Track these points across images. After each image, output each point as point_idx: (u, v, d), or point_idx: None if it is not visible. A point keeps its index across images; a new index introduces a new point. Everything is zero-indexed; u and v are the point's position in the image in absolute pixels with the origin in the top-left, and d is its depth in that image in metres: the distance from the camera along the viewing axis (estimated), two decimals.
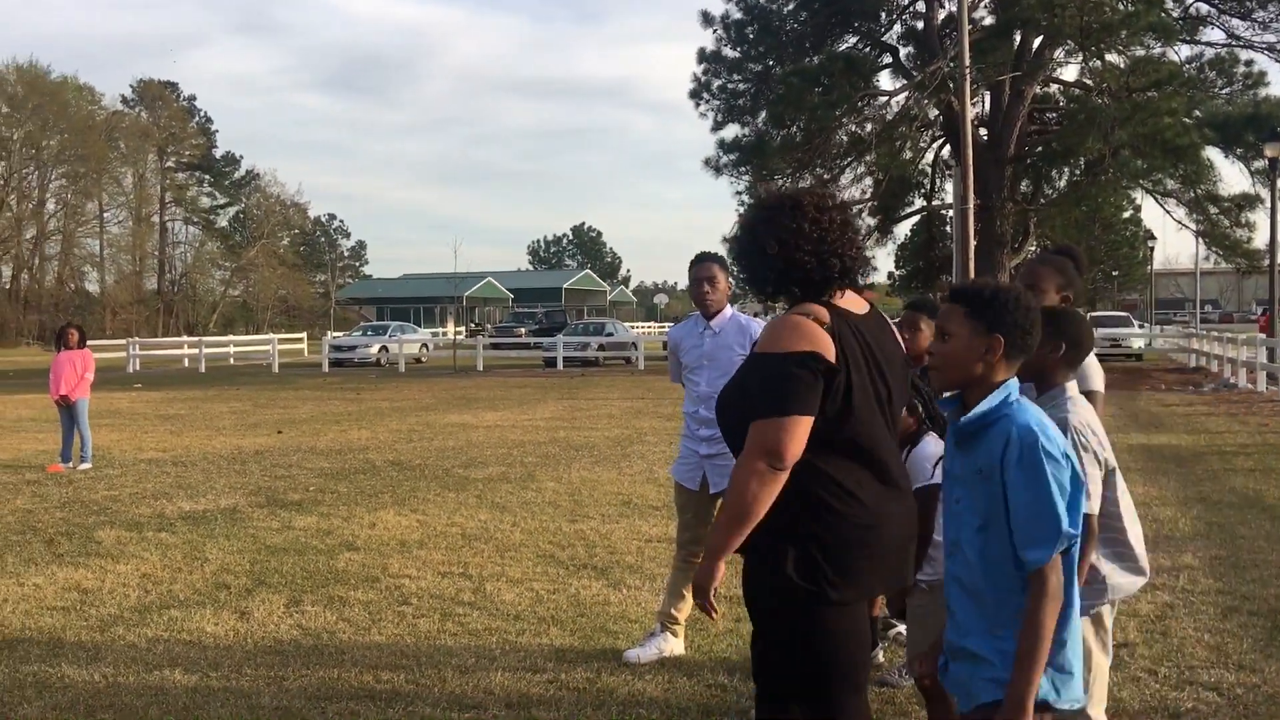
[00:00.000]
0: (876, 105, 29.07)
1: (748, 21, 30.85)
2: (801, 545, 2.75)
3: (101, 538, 8.12)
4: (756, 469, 2.70)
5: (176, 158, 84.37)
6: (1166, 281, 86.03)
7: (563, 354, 34.22)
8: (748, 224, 2.96)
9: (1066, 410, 3.17)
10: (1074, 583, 2.55)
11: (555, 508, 9.26)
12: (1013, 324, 2.63)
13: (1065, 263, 3.96)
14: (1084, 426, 3.15)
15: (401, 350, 36.12)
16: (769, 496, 2.72)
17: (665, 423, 16.15)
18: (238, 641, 5.56)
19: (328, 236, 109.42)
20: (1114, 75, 26.21)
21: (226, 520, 8.79)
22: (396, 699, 4.70)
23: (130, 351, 36.00)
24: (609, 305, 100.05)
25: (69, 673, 5.07)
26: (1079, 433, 3.12)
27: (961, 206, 21.35)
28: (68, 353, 12.28)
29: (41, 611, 6.13)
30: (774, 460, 2.69)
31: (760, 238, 2.88)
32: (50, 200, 76.16)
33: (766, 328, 2.87)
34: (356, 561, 7.29)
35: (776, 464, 2.69)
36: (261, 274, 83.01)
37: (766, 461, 2.69)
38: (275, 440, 14.63)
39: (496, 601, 6.26)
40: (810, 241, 2.84)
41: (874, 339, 2.90)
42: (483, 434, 15.16)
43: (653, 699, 4.69)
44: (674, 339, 5.46)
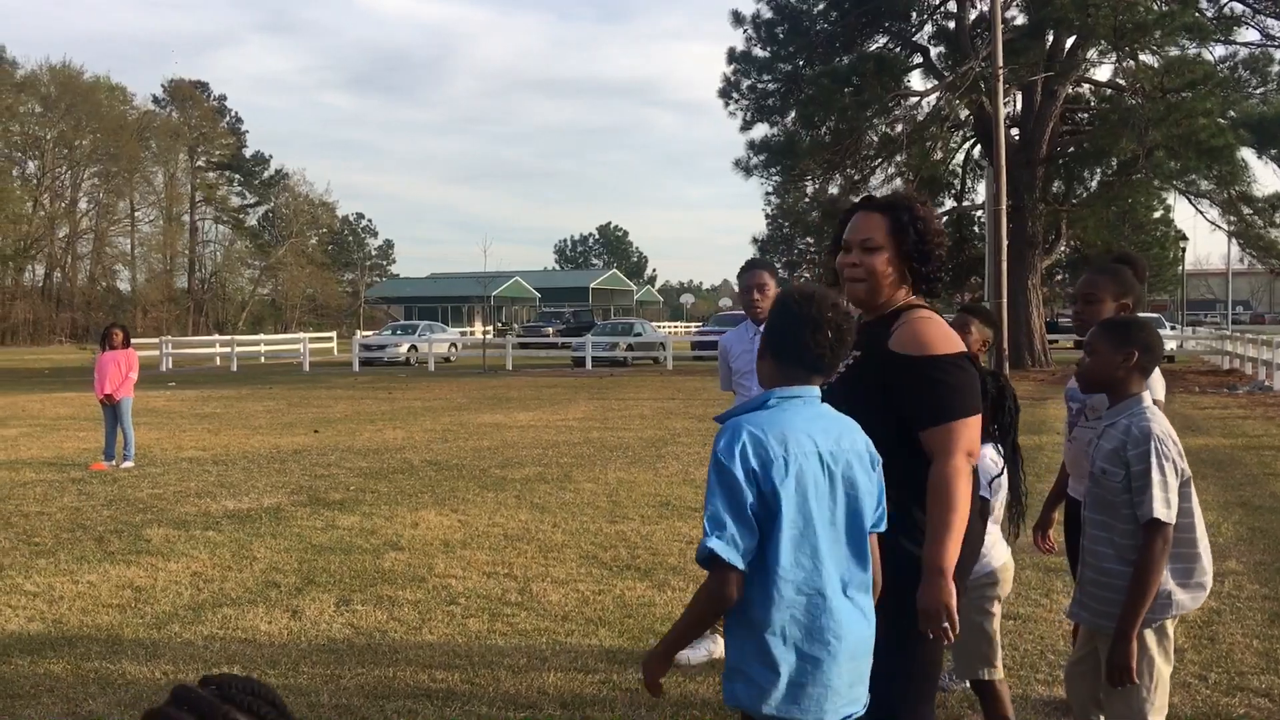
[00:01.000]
0: (907, 105, 29.01)
1: (778, 21, 30.86)
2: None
3: (150, 536, 8.25)
4: (961, 468, 2.80)
5: (207, 157, 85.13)
6: (1197, 282, 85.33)
7: (591, 354, 34.30)
8: (925, 213, 3.04)
9: (1147, 419, 3.20)
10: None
11: (594, 508, 9.33)
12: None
13: (1123, 271, 3.98)
14: (1165, 436, 3.19)
15: (431, 349, 36.31)
16: (969, 492, 2.83)
17: (698, 423, 16.20)
18: (291, 640, 5.65)
19: (355, 236, 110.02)
20: (1148, 75, 26.06)
21: (271, 519, 8.90)
22: (453, 698, 4.78)
23: (163, 350, 36.36)
24: (635, 305, 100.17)
25: (130, 669, 5.18)
26: (1161, 442, 3.15)
27: (995, 207, 21.28)
28: (112, 352, 12.45)
29: (98, 609, 6.24)
30: (972, 458, 2.83)
31: (934, 225, 3.02)
32: (82, 199, 77.14)
33: (918, 329, 2.91)
34: (402, 561, 7.38)
35: (973, 461, 2.83)
36: (290, 273, 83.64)
37: (967, 462, 2.81)
38: (312, 439, 14.77)
39: (543, 602, 6.33)
40: (936, 241, 3.03)
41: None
42: (517, 434, 15.25)
43: (705, 700, 4.74)
44: (724, 346, 5.50)
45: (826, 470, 2.52)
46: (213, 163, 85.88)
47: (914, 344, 2.87)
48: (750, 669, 2.49)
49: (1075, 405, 4.12)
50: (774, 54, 31.22)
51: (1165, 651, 3.32)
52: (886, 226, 3.00)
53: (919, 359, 2.86)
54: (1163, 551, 3.14)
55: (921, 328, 2.90)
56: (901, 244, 2.98)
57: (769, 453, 2.46)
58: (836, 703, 2.49)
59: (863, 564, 2.58)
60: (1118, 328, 3.45)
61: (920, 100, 29.26)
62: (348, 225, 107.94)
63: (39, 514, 9.21)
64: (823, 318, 2.57)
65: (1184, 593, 3.29)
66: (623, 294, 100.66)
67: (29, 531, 8.46)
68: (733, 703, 2.53)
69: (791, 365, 2.62)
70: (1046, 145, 28.30)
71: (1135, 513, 3.18)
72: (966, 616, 3.94)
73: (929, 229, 2.99)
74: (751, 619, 2.47)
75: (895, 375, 2.89)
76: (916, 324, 2.92)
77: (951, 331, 2.94)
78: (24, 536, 8.26)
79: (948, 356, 2.86)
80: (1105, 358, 3.39)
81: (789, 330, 2.61)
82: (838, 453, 2.54)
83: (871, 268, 3.00)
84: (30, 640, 5.63)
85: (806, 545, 2.47)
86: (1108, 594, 3.27)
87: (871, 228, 3.02)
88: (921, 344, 2.87)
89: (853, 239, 3.04)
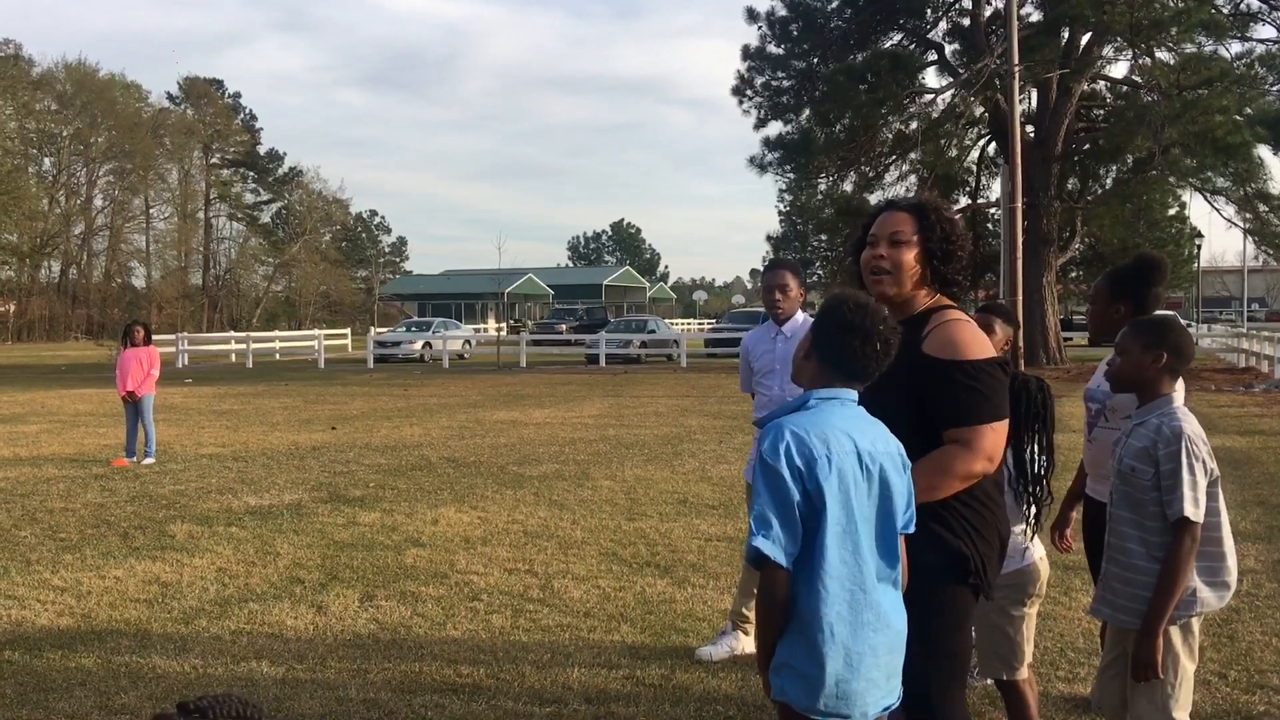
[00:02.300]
0: (922, 103, 29.02)
1: (792, 18, 30.88)
2: (973, 543, 2.90)
3: (174, 531, 8.33)
4: (973, 471, 2.84)
5: (221, 154, 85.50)
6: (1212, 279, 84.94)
7: (605, 351, 34.35)
8: (923, 217, 3.09)
9: (1178, 419, 3.24)
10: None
11: (613, 506, 9.38)
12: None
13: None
14: (1196, 436, 3.23)
15: (445, 347, 36.42)
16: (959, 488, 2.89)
17: (713, 421, 16.24)
18: (318, 635, 5.72)
19: (369, 233, 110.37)
20: (1164, 72, 26.00)
21: (293, 515, 8.98)
22: (479, 693, 4.83)
23: (179, 347, 36.54)
24: (648, 302, 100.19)
25: (159, 663, 5.25)
26: (1191, 442, 3.19)
27: (1009, 205, 21.26)
28: (134, 349, 12.55)
29: (126, 604, 6.32)
30: (990, 466, 2.84)
31: (959, 228, 3.08)
32: (98, 196, 77.60)
33: (949, 333, 2.95)
34: (424, 558, 7.44)
35: (990, 468, 2.85)
36: (304, 270, 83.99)
37: (985, 466, 2.84)
38: (330, 436, 14.85)
39: (565, 599, 6.38)
40: (959, 241, 3.08)
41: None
42: (533, 431, 15.31)
43: (729, 696, 4.79)
44: (746, 346, 5.52)
45: (865, 469, 2.57)
46: (227, 160, 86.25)
47: (948, 347, 2.90)
48: (799, 664, 2.54)
49: (1094, 405, 4.14)
50: (788, 51, 31.24)
51: (1190, 649, 3.35)
52: (914, 224, 3.06)
53: (952, 363, 2.89)
54: (1190, 550, 3.18)
55: (956, 331, 2.94)
56: (928, 241, 3.03)
57: (812, 451, 2.51)
58: (876, 695, 2.55)
59: (892, 562, 2.63)
60: (1148, 328, 3.48)
61: (935, 97, 29.28)
62: (361, 222, 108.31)
63: (63, 510, 9.31)
64: (874, 329, 2.63)
65: (1209, 591, 3.32)
66: (636, 291, 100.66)
67: (54, 527, 8.55)
68: (781, 698, 2.58)
69: (835, 370, 2.69)
70: (1062, 142, 28.25)
71: (1164, 510, 3.21)
72: (989, 617, 3.98)
73: (954, 230, 3.06)
74: (800, 615, 2.52)
75: (926, 378, 2.92)
76: (951, 327, 2.95)
77: (984, 336, 2.98)
78: (50, 532, 8.35)
79: (981, 361, 2.90)
80: (1135, 358, 3.42)
81: (838, 337, 2.67)
82: (875, 453, 2.59)
83: (898, 261, 3.05)
84: (60, 634, 5.71)
85: (849, 541, 2.52)
86: (1134, 590, 3.30)
87: (900, 223, 3.08)
88: (956, 348, 2.90)
89: (880, 233, 3.10)
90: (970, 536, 2.88)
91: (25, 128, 71.21)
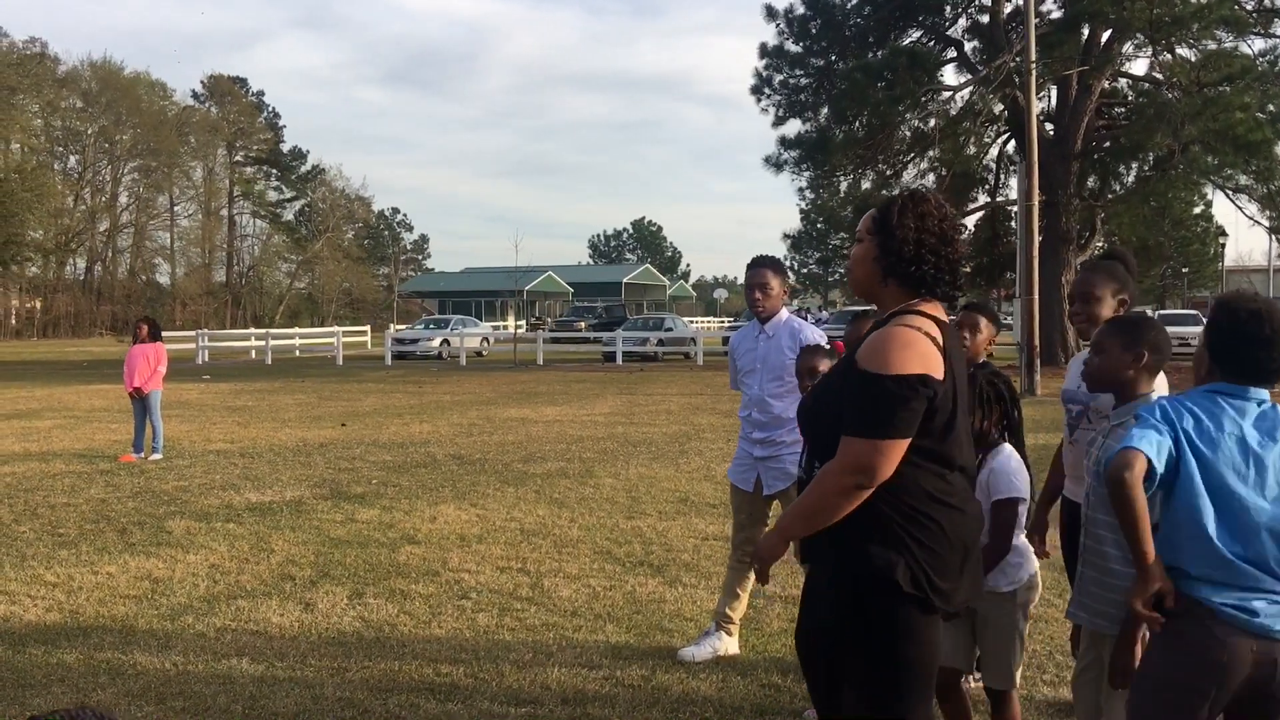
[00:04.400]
0: (940, 100, 28.78)
1: (811, 16, 30.74)
2: (911, 555, 2.76)
3: (172, 528, 8.35)
4: (844, 484, 2.74)
5: (245, 152, 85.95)
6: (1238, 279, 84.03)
7: (622, 349, 34.31)
8: (885, 210, 2.96)
9: None
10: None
11: (613, 504, 9.34)
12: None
13: (1116, 267, 3.94)
14: None
15: (463, 344, 36.48)
16: (847, 509, 2.75)
17: (724, 419, 16.18)
18: (302, 632, 5.70)
19: (391, 230, 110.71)
20: (1184, 69, 25.74)
21: (292, 512, 8.99)
22: (456, 692, 4.80)
23: (199, 343, 36.76)
24: (668, 300, 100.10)
25: (141, 660, 5.24)
26: None
27: (1026, 203, 21.08)
28: (141, 346, 12.60)
29: (115, 599, 6.33)
30: (864, 478, 2.72)
31: (897, 222, 2.90)
32: (123, 194, 78.12)
33: (875, 339, 2.81)
34: (417, 555, 7.43)
35: (866, 482, 2.72)
36: (326, 267, 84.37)
37: (855, 479, 2.72)
38: (339, 433, 14.88)
39: (554, 597, 6.35)
40: (935, 237, 2.88)
41: (960, 352, 2.95)
42: (542, 429, 15.29)
43: (706, 698, 4.74)
44: (733, 344, 5.49)
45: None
46: (250, 158, 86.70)
47: (869, 355, 2.79)
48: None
49: (1076, 408, 4.06)
50: (806, 49, 31.11)
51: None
52: (871, 221, 2.96)
53: (864, 372, 2.77)
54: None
55: (877, 338, 2.81)
56: (884, 238, 2.90)
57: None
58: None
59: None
60: (1127, 326, 3.41)
61: (954, 95, 29.05)
62: (383, 220, 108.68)
63: (65, 505, 9.35)
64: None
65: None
66: (656, 289, 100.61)
67: (54, 522, 8.58)
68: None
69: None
70: (1081, 140, 27.99)
71: None
72: (1012, 623, 3.92)
73: (925, 226, 2.87)
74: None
75: (849, 378, 2.84)
76: (879, 334, 2.82)
77: (919, 350, 2.75)
78: (49, 527, 8.39)
79: (883, 376, 2.73)
80: (1114, 357, 3.35)
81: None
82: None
83: (854, 256, 2.99)
84: (46, 630, 5.71)
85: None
86: (1111, 595, 3.23)
87: (864, 220, 3.00)
88: (866, 356, 2.78)
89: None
90: (907, 549, 2.76)
91: (51, 125, 71.81)
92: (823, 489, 2.78)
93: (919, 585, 2.76)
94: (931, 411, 2.74)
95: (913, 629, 2.79)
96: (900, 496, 2.77)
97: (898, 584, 2.74)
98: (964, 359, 3.00)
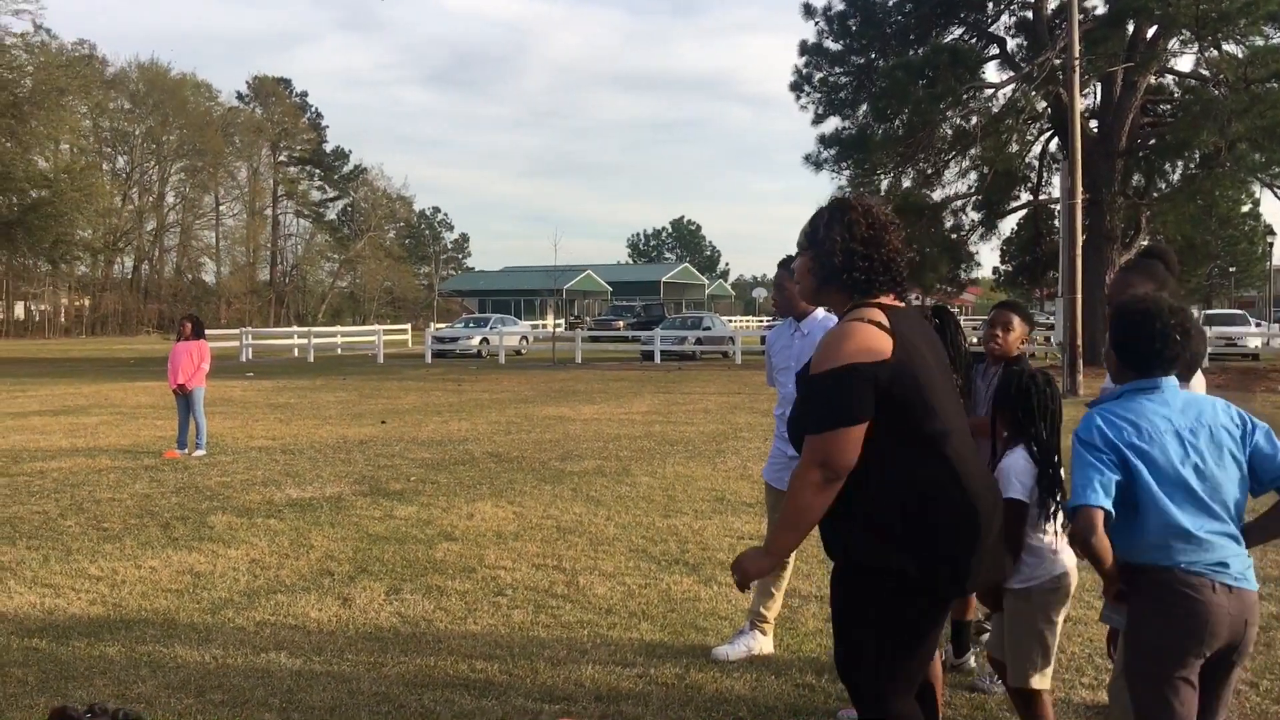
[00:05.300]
0: (982, 98, 28.56)
1: (850, 13, 30.59)
2: (916, 537, 2.86)
3: (214, 523, 8.45)
4: (811, 479, 2.87)
5: (288, 152, 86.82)
6: None
7: (660, 347, 34.32)
8: (814, 222, 3.11)
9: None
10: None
11: (649, 502, 9.35)
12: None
13: (1155, 266, 3.91)
14: None
15: (501, 342, 36.63)
16: (824, 504, 2.89)
17: (761, 418, 16.13)
18: (340, 627, 5.76)
19: (431, 229, 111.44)
20: (1231, 65, 25.37)
21: (331, 508, 9.07)
22: (490, 688, 4.83)
23: (243, 341, 37.17)
24: (707, 299, 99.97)
25: (181, 653, 5.32)
26: None
27: (1069, 201, 20.84)
28: (185, 343, 12.76)
29: (157, 593, 6.42)
30: (827, 471, 2.85)
31: (824, 234, 3.05)
32: (169, 194, 79.15)
33: (819, 345, 2.98)
34: (454, 552, 7.47)
35: (830, 475, 2.85)
36: (368, 266, 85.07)
37: (819, 474, 2.86)
38: (379, 430, 15.00)
39: (589, 595, 6.37)
40: (862, 243, 3.00)
41: (924, 333, 3.04)
42: (580, 427, 15.33)
43: (740, 697, 4.74)
44: (769, 342, 5.48)
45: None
46: (294, 158, 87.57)
47: (814, 357, 2.95)
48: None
49: None
50: (846, 46, 30.97)
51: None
52: (806, 229, 3.13)
53: (809, 377, 2.96)
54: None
55: (823, 342, 2.95)
56: (815, 250, 3.07)
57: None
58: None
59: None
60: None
61: (996, 92, 28.82)
62: (424, 219, 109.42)
63: (111, 500, 9.49)
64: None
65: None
66: (694, 288, 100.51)
67: (99, 517, 8.72)
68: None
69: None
70: (1126, 137, 27.67)
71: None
72: (1027, 622, 3.89)
73: (850, 234, 2.99)
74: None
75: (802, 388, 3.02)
76: (823, 339, 2.98)
77: (856, 340, 2.86)
78: (94, 522, 8.52)
79: (818, 374, 2.89)
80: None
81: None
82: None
83: (797, 269, 3.19)
84: (90, 623, 5.81)
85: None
86: None
87: (800, 234, 3.18)
88: (816, 361, 2.93)
89: None
90: (904, 535, 2.85)
91: (99, 126, 72.71)
92: (795, 491, 2.92)
93: (927, 568, 2.86)
94: (887, 389, 2.83)
95: (921, 612, 2.93)
96: (911, 481, 2.87)
97: (898, 571, 2.86)
98: (929, 336, 3.08)
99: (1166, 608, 3.04)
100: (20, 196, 41.92)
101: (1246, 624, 3.06)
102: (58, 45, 49.38)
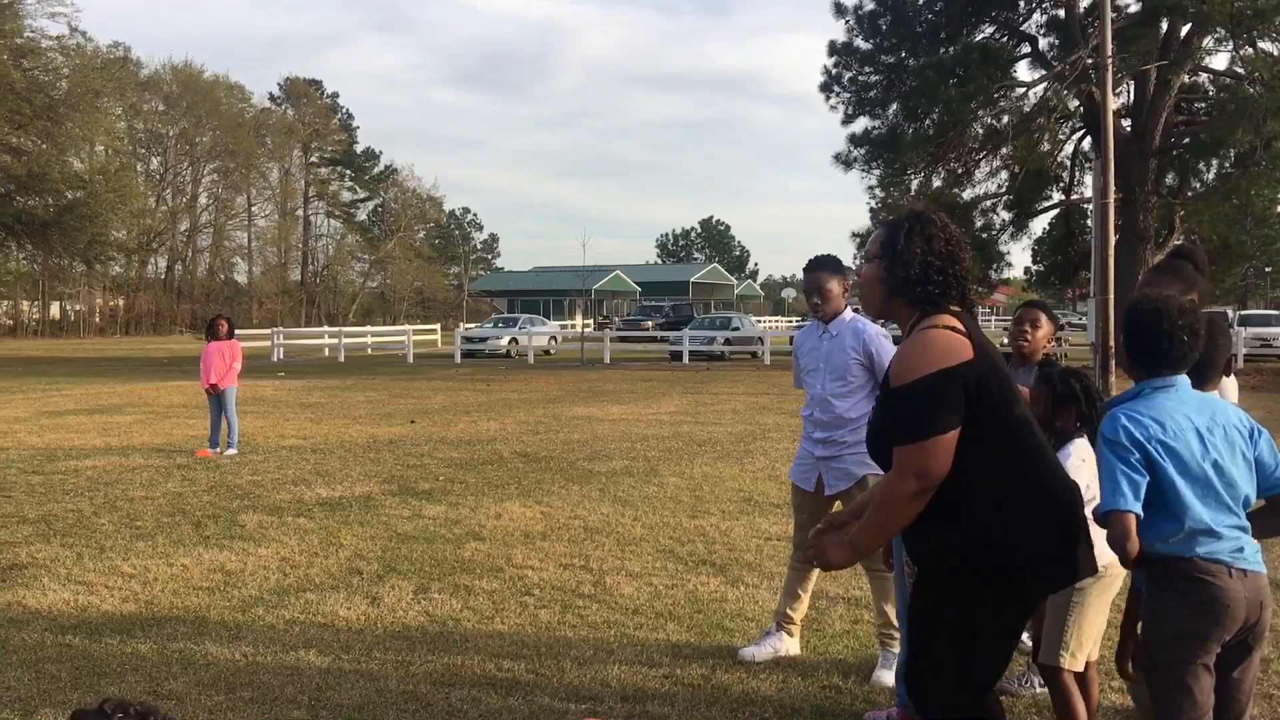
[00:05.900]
0: (1014, 97, 28.32)
1: (881, 12, 30.44)
2: (1022, 534, 2.87)
3: (245, 521, 8.53)
4: (906, 489, 2.87)
5: (320, 153, 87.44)
6: None
7: (688, 348, 34.29)
8: (891, 232, 3.10)
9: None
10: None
11: (676, 503, 9.35)
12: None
13: (1184, 266, 3.88)
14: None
15: (530, 342, 36.72)
16: (916, 512, 2.90)
17: (789, 419, 16.10)
18: (368, 626, 5.80)
19: (461, 230, 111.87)
20: (1267, 64, 25.05)
21: (361, 507, 9.13)
22: (517, 688, 4.85)
23: (274, 341, 37.44)
24: (736, 299, 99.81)
25: (212, 650, 5.37)
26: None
27: (1101, 201, 20.65)
28: (217, 343, 12.88)
29: (188, 591, 6.49)
30: (921, 481, 2.85)
31: (904, 245, 3.04)
32: (202, 194, 79.84)
33: (897, 357, 2.98)
34: (482, 551, 7.50)
35: (924, 484, 2.86)
36: (398, 266, 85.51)
37: (913, 484, 2.86)
38: (408, 430, 15.08)
39: (616, 595, 6.38)
40: (940, 258, 3.02)
41: (979, 329, 3.06)
42: (608, 427, 15.35)
43: (766, 698, 4.73)
44: (796, 343, 5.47)
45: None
46: (325, 159, 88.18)
47: (896, 372, 2.95)
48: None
49: None
50: (876, 45, 30.81)
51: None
52: (882, 238, 3.11)
53: (892, 386, 2.96)
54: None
55: (903, 354, 2.96)
56: (892, 261, 3.05)
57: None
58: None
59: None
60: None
61: (1027, 91, 28.56)
62: (454, 219, 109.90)
63: (143, 498, 9.59)
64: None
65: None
66: (723, 288, 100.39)
67: (132, 515, 8.81)
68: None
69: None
70: (1160, 136, 27.38)
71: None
72: (1062, 599, 3.90)
73: (929, 248, 3.00)
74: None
75: (887, 402, 3.01)
76: (901, 350, 2.99)
77: (939, 346, 2.88)
78: (127, 520, 8.61)
79: (906, 386, 2.89)
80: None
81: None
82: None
83: (864, 276, 3.15)
84: (122, 620, 5.87)
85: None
86: None
87: (871, 242, 3.18)
88: (900, 372, 2.93)
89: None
90: (1009, 543, 2.87)
91: (134, 128, 73.46)
92: (887, 500, 2.92)
93: (1008, 576, 2.88)
94: (976, 392, 2.86)
95: (1006, 613, 2.93)
96: (990, 484, 2.88)
97: (1001, 570, 2.87)
98: (990, 341, 3.10)
99: (1187, 595, 3.10)
100: (56, 198, 42.37)
101: (1261, 605, 3.14)
102: (93, 48, 49.92)
